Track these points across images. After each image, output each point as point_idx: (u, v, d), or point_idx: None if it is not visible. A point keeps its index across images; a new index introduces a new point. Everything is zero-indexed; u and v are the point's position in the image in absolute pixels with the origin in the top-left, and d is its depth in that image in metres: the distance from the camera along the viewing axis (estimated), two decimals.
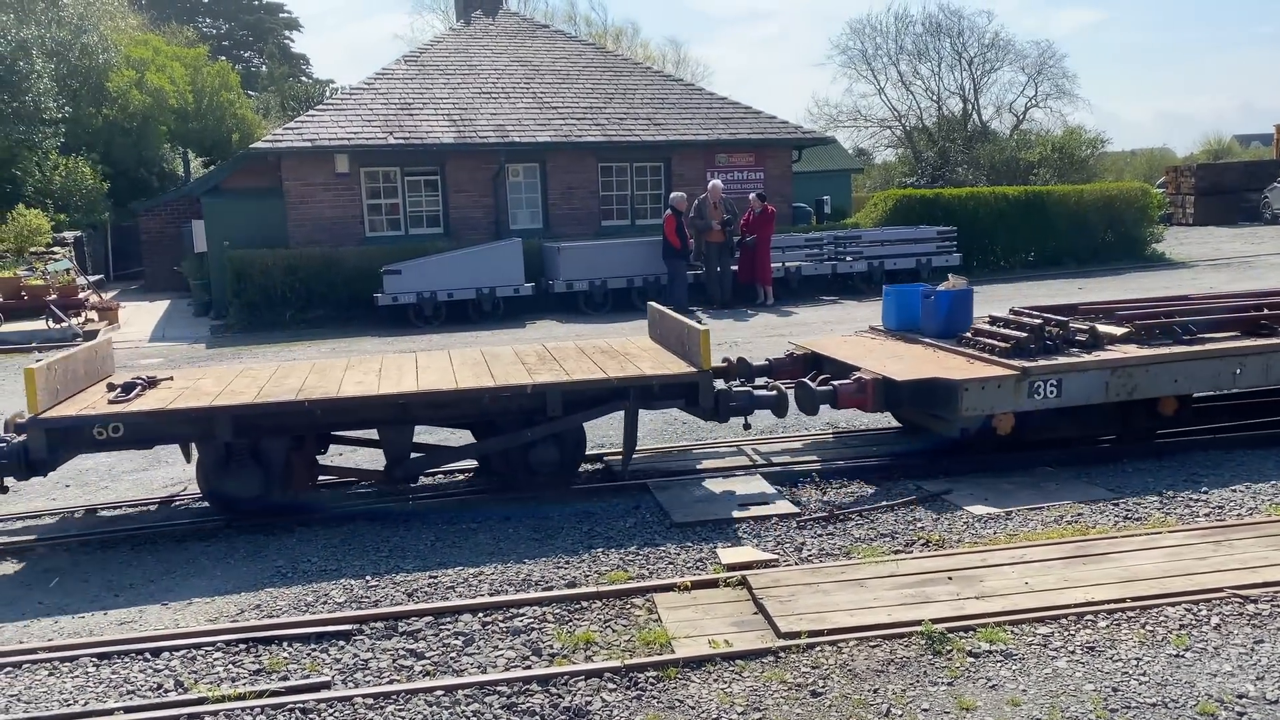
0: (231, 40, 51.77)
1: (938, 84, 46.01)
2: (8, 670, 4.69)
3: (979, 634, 4.60)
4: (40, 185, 23.54)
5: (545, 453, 6.89)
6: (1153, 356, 7.03)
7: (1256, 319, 7.65)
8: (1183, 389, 7.16)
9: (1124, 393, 6.96)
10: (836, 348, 8.07)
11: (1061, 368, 6.86)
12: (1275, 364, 7.28)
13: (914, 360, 7.37)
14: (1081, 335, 7.32)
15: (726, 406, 7.03)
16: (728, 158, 20.34)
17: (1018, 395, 6.76)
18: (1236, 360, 7.18)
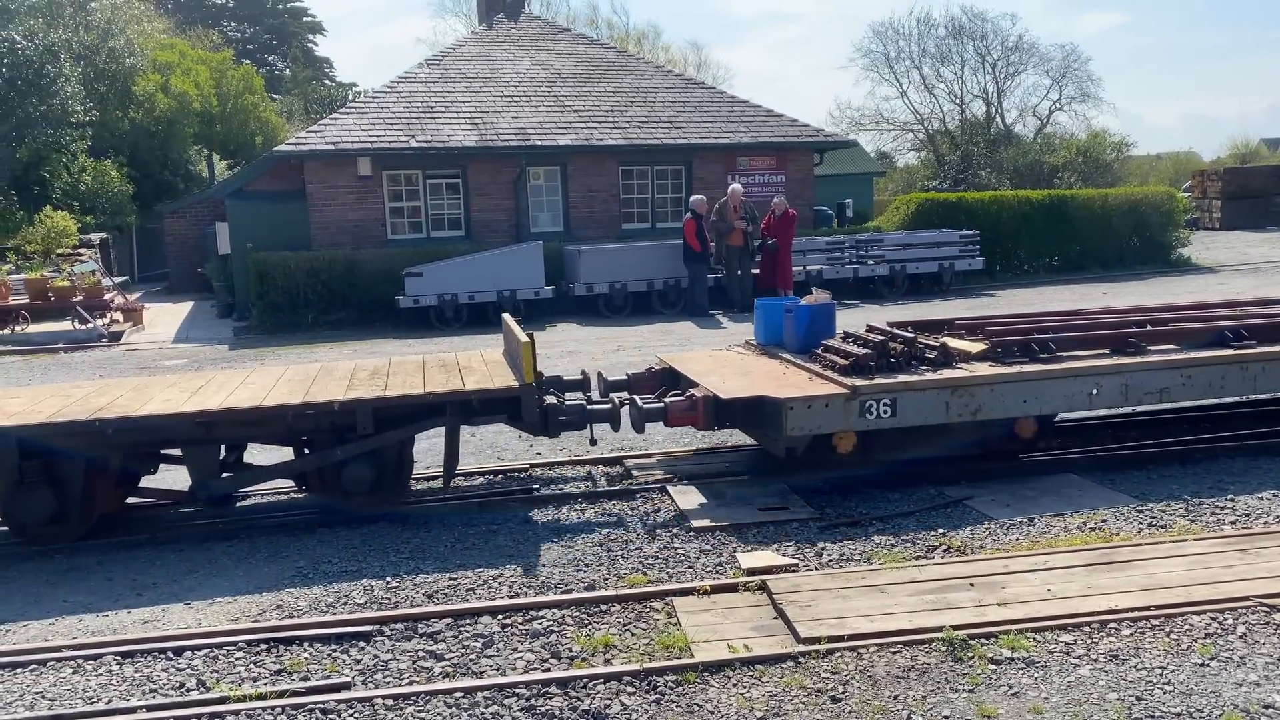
0: (256, 44, 52.21)
1: (961, 87, 45.76)
2: (33, 668, 4.74)
3: (1001, 641, 4.56)
4: (67, 187, 23.80)
5: (359, 471, 6.51)
6: (995, 376, 6.73)
7: (1124, 336, 7.29)
8: (1032, 410, 6.83)
9: (966, 413, 6.66)
10: (691, 362, 7.88)
11: (896, 387, 6.58)
12: (1135, 384, 6.93)
13: (759, 376, 7.15)
14: (931, 353, 7.02)
15: (556, 421, 6.82)
16: (749, 161, 20.30)
17: (848, 415, 6.52)
18: (1092, 380, 6.85)
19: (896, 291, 18.34)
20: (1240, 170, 34.76)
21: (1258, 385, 7.19)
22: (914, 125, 47.24)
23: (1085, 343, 7.33)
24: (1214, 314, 8.16)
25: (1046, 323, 7.97)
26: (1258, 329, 7.44)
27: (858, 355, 6.85)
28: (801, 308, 7.88)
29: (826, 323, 7.79)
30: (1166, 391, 7.01)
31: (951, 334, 7.81)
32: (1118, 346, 7.25)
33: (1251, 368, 7.08)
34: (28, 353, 15.46)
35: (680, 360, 8.08)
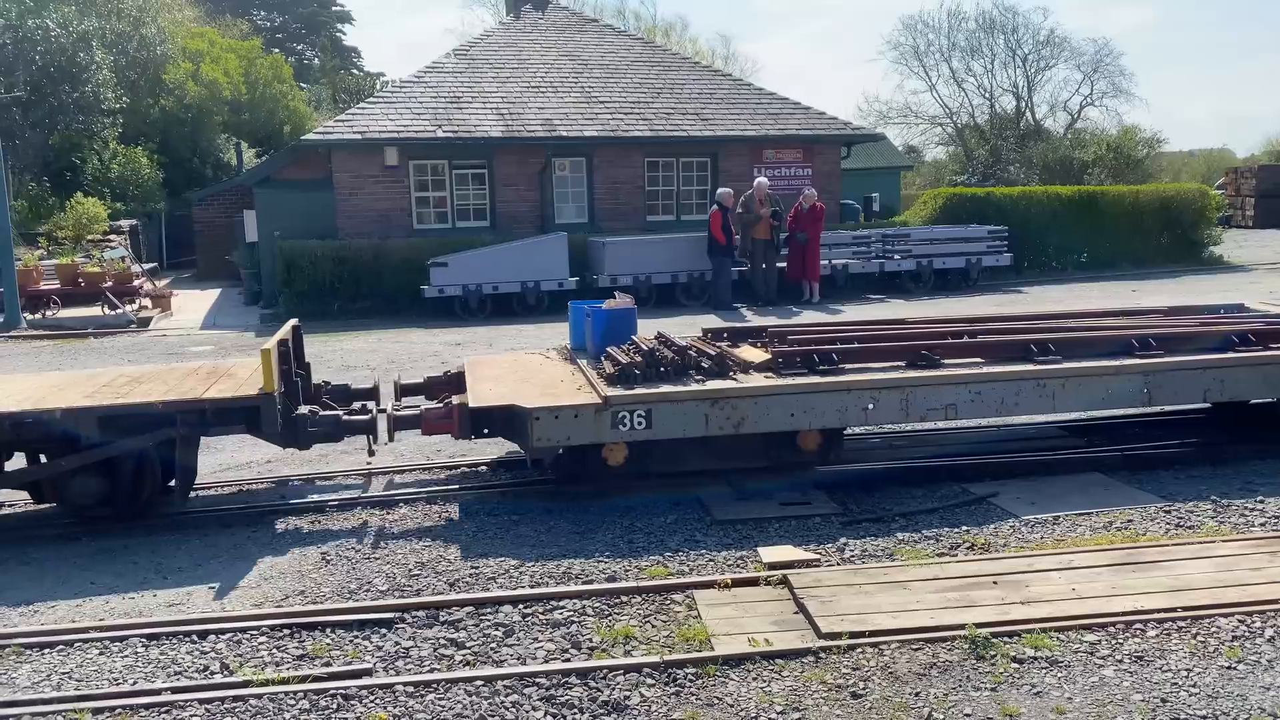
0: (285, 33, 52.45)
1: (990, 81, 45.44)
2: (60, 648, 4.80)
3: (1024, 640, 4.53)
4: (98, 174, 24.04)
5: (88, 483, 6.25)
6: (758, 388, 6.49)
7: (916, 349, 7.02)
8: (802, 424, 6.58)
9: (729, 426, 6.42)
10: (484, 367, 7.71)
11: (651, 398, 6.36)
12: (917, 399, 6.67)
13: (535, 383, 6.96)
14: (707, 362, 6.79)
15: (306, 432, 6.55)
16: (775, 154, 20.21)
17: (599, 426, 6.32)
18: (868, 394, 6.61)
19: (923, 287, 18.21)
20: (1275, 168, 34.20)
21: (1056, 404, 6.91)
22: (942, 119, 46.98)
23: (881, 354, 7.06)
24: (1028, 326, 7.88)
25: (854, 332, 7.67)
26: (1065, 343, 7.14)
27: (623, 364, 6.62)
28: (598, 312, 7.66)
29: (624, 328, 7.53)
30: (953, 408, 6.72)
31: (754, 342, 7.57)
32: (913, 359, 6.96)
33: (1049, 385, 6.79)
34: (59, 337, 15.64)
35: (476, 364, 7.85)
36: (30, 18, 21.81)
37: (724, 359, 6.88)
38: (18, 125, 22.03)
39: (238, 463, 8.06)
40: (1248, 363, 7.02)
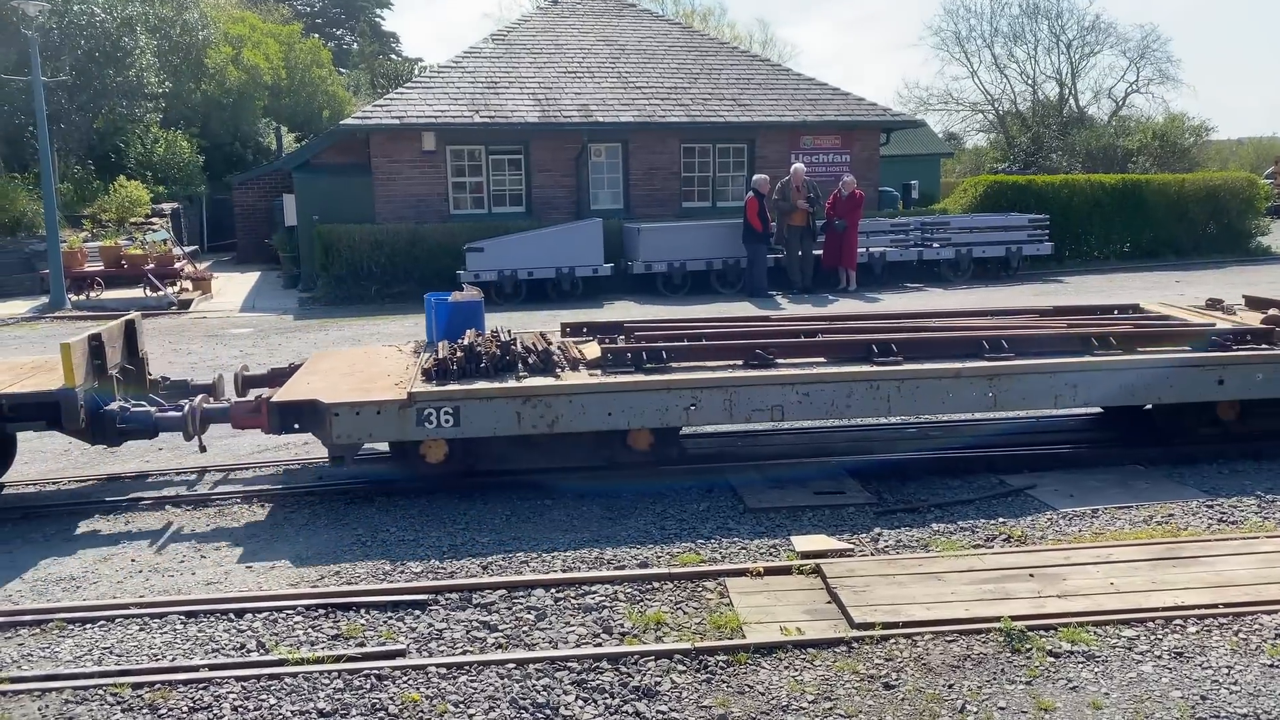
0: (324, 18, 52.79)
1: (1034, 67, 44.81)
2: (102, 624, 4.88)
3: (1060, 633, 4.48)
4: (141, 158, 24.35)
5: None
6: (573, 386, 6.32)
7: (751, 348, 6.76)
8: (620, 423, 6.40)
9: (543, 425, 6.28)
10: (324, 360, 7.56)
11: (457, 395, 6.20)
12: (742, 399, 6.45)
13: (365, 377, 6.80)
14: (533, 358, 6.63)
15: (114, 429, 6.34)
16: (813, 140, 20.05)
17: (403, 423, 6.18)
18: (690, 394, 6.40)
19: (961, 275, 18.01)
20: None
21: (891, 407, 6.66)
22: (984, 106, 46.37)
23: (717, 353, 6.85)
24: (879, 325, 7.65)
25: (700, 329, 7.50)
26: (911, 344, 6.91)
27: (440, 359, 6.50)
28: (441, 305, 7.56)
29: (469, 321, 7.43)
30: (779, 409, 6.51)
31: (604, 338, 7.43)
32: (749, 359, 6.73)
33: (883, 387, 6.55)
34: (101, 318, 15.86)
35: (322, 356, 7.74)
36: (76, 3, 22.09)
37: (549, 355, 6.69)
38: (63, 109, 22.34)
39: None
40: (1103, 367, 6.77)
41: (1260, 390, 6.90)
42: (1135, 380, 6.81)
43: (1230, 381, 6.84)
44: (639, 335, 7.28)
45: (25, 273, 18.65)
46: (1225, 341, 6.98)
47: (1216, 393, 6.89)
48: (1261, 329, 7.16)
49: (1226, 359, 6.84)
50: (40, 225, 18.83)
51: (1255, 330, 7.15)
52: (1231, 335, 7.07)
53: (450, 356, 6.52)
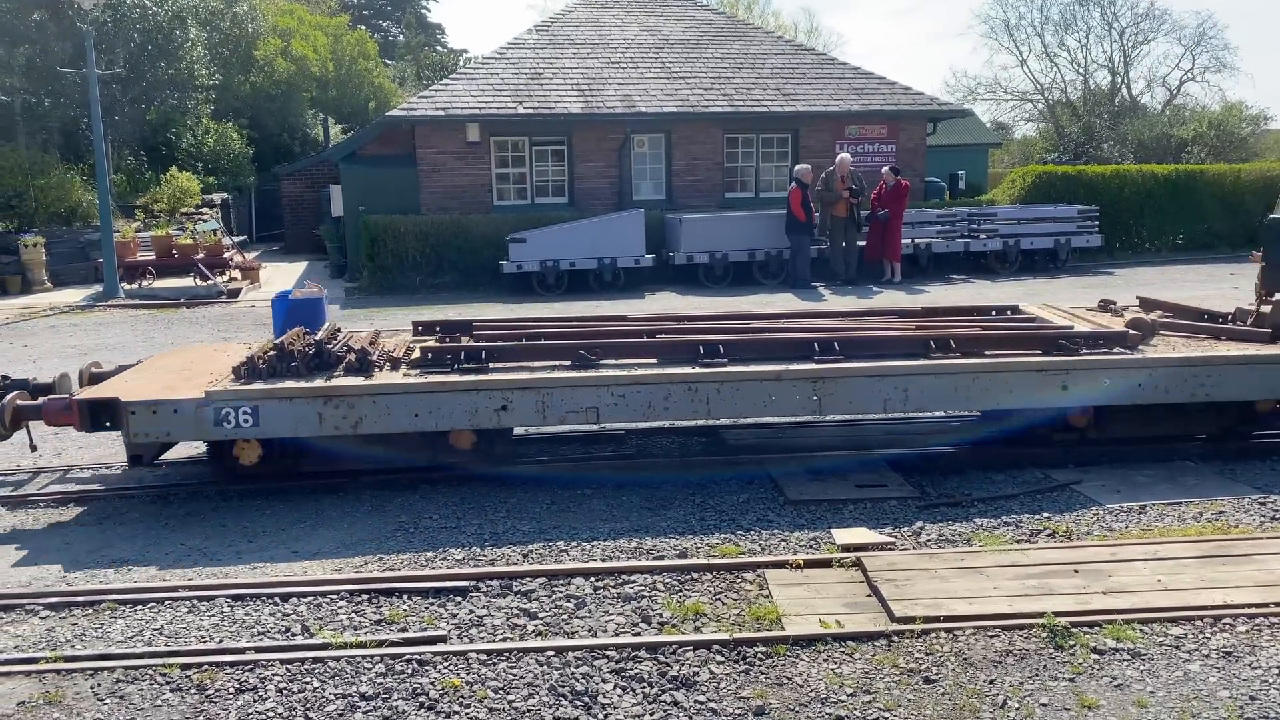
0: (371, 9, 53.24)
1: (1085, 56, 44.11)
2: (152, 605, 4.99)
3: (1105, 630, 4.41)
4: (192, 149, 24.76)
5: None
6: (376, 388, 6.23)
7: (575, 348, 6.68)
8: (427, 425, 6.30)
9: (347, 426, 6.17)
10: (170, 357, 7.49)
11: (257, 394, 6.09)
12: (555, 401, 6.32)
13: (190, 375, 6.69)
14: (351, 357, 6.51)
15: None
16: (859, 129, 19.86)
17: (200, 423, 6.09)
18: (500, 395, 6.30)
19: (1009, 268, 17.76)
20: None
21: (711, 410, 6.48)
22: (1033, 95, 45.66)
23: (540, 353, 6.77)
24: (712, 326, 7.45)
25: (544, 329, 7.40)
26: (739, 345, 6.77)
27: (249, 358, 6.40)
28: (279, 300, 7.49)
29: (308, 318, 7.30)
30: (594, 411, 6.39)
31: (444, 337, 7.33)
32: (573, 359, 6.64)
33: (702, 389, 6.40)
34: (153, 307, 16.21)
35: (168, 354, 7.68)
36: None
37: (365, 355, 6.57)
38: (117, 102, 22.78)
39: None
40: (934, 371, 6.56)
41: (1109, 396, 6.65)
42: (971, 385, 6.59)
43: (1075, 387, 6.59)
44: (478, 335, 7.28)
45: (80, 262, 19.08)
46: (1073, 345, 6.75)
47: (1060, 399, 6.63)
48: (1116, 332, 6.93)
49: (1069, 363, 6.60)
50: (95, 215, 19.25)
51: (1109, 334, 6.91)
52: (1082, 339, 6.84)
53: (260, 355, 6.44)
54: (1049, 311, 7.97)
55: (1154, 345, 6.95)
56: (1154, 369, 6.60)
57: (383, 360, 6.69)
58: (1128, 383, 6.60)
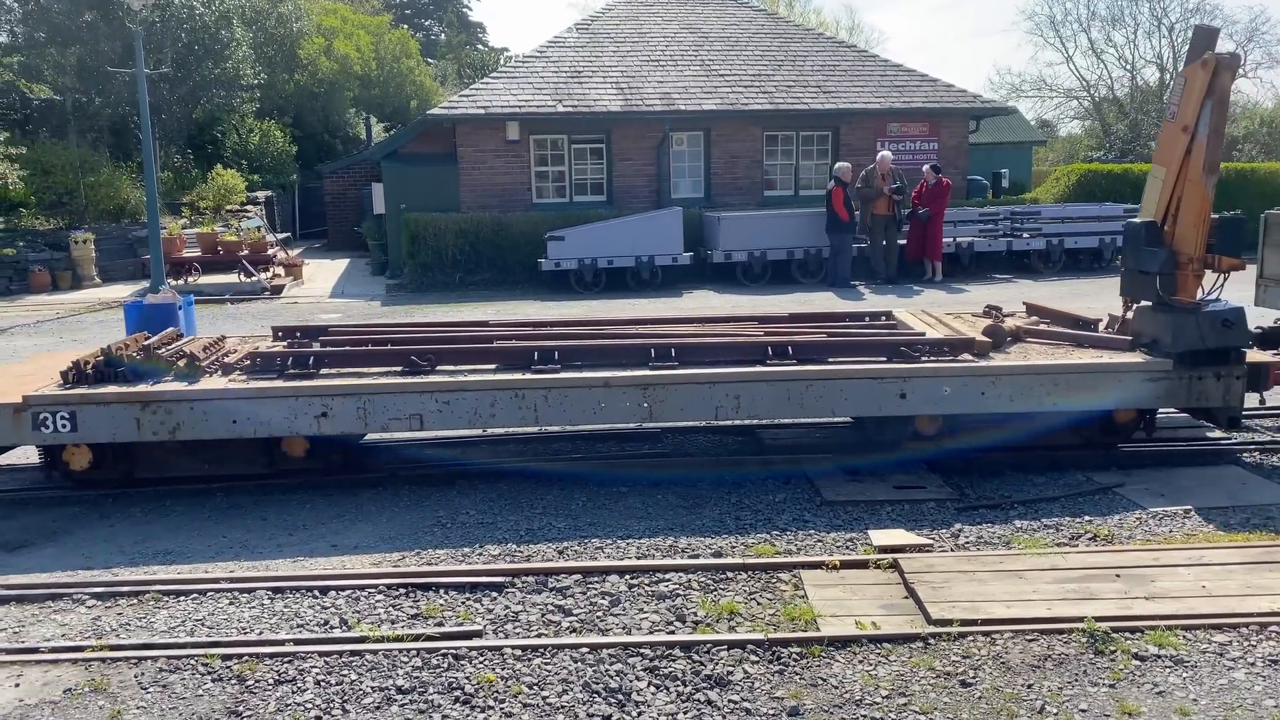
0: (413, 9, 53.62)
1: (1133, 52, 43.41)
2: (194, 596, 5.08)
3: (1147, 636, 4.35)
4: (237, 147, 25.10)
5: None
6: (192, 393, 6.21)
7: (407, 354, 6.63)
8: (245, 431, 6.27)
9: (165, 432, 6.18)
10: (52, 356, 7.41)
11: (74, 399, 6.09)
12: (376, 407, 6.26)
13: (28, 378, 6.62)
14: (183, 362, 6.50)
15: None
16: (900, 127, 19.67)
17: (19, 427, 6.12)
18: (319, 401, 6.24)
19: (1052, 267, 17.51)
20: None
21: (539, 417, 6.46)
22: (1079, 92, 44.90)
23: (375, 358, 6.75)
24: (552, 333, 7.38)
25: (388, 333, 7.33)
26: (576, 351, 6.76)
27: (75, 362, 6.38)
28: (132, 305, 7.52)
29: (161, 322, 7.25)
30: (418, 418, 6.36)
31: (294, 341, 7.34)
32: (406, 365, 6.61)
33: (529, 396, 6.38)
34: (199, 302, 16.40)
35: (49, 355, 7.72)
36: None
37: (194, 361, 6.56)
38: (165, 100, 23.15)
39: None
40: (767, 378, 6.47)
41: (950, 405, 6.52)
42: (805, 393, 6.49)
43: (914, 395, 6.46)
44: (323, 340, 7.28)
45: (128, 258, 19.43)
46: (914, 353, 6.64)
47: (899, 407, 6.51)
48: (962, 340, 6.80)
49: (907, 371, 6.48)
50: (142, 212, 19.58)
51: (955, 341, 6.78)
52: (927, 346, 6.72)
53: (87, 361, 6.45)
54: (921, 318, 7.83)
55: (1008, 353, 6.81)
56: (997, 377, 6.48)
57: (215, 366, 6.70)
58: (969, 391, 6.49)
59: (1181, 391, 6.50)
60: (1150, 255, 6.59)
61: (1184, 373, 6.45)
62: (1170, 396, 6.54)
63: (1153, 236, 6.62)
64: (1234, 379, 6.48)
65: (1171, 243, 6.59)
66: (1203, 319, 6.37)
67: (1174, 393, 6.51)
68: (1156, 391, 6.51)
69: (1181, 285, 6.55)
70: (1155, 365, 6.47)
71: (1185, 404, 6.63)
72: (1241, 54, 41.55)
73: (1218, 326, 6.36)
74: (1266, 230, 8.41)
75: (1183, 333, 6.39)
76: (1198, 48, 6.41)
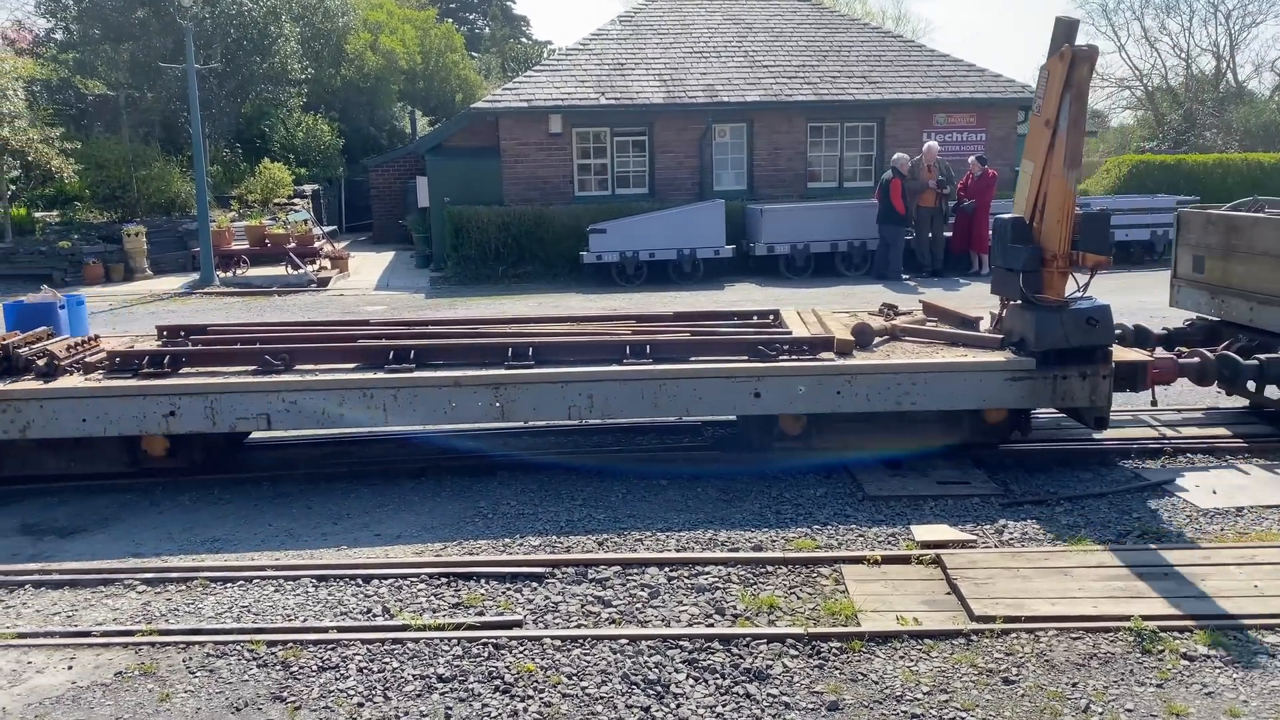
0: (457, 2, 53.90)
1: (1188, 40, 42.46)
2: (240, 583, 5.16)
3: (1196, 636, 4.26)
4: (284, 141, 25.43)
5: None
6: (35, 392, 6.18)
7: (262, 353, 6.64)
8: (95, 430, 6.28)
9: (15, 431, 6.23)
10: None
11: None
12: (224, 407, 6.27)
13: None
14: (42, 360, 6.47)
15: None
16: (947, 118, 19.43)
17: None
18: (167, 401, 6.25)
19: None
20: None
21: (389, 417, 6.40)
22: (1131, 82, 44.06)
23: (234, 357, 6.73)
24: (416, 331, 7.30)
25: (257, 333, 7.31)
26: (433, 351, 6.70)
27: None
28: (10, 305, 7.55)
29: (38, 321, 7.32)
30: (265, 418, 6.37)
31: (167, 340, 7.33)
32: (259, 364, 6.59)
33: (378, 395, 6.34)
34: (246, 294, 16.71)
35: None
36: None
37: (53, 360, 6.52)
38: (214, 95, 23.52)
39: None
40: (621, 377, 6.41)
41: (806, 404, 6.40)
42: (659, 392, 6.40)
43: (769, 395, 6.36)
44: (196, 340, 7.30)
45: (178, 250, 19.78)
46: (771, 352, 6.50)
47: (754, 406, 6.41)
48: (822, 339, 6.66)
49: (761, 370, 6.37)
50: (192, 205, 19.95)
51: (814, 340, 6.63)
52: (786, 345, 6.58)
53: None
54: (805, 318, 7.62)
55: (873, 353, 6.69)
56: (853, 376, 6.37)
57: (76, 366, 6.68)
58: (824, 391, 6.39)
59: (1046, 391, 6.39)
60: (1014, 252, 6.45)
61: (1048, 372, 6.34)
62: (1034, 396, 6.43)
63: (1019, 233, 6.48)
64: (1100, 378, 6.35)
65: (1039, 239, 6.43)
66: (1067, 317, 6.26)
67: (1038, 392, 6.40)
68: (1020, 391, 6.40)
69: (1048, 283, 6.40)
70: (1018, 364, 6.37)
71: (1050, 404, 6.52)
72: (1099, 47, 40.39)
73: (1082, 325, 6.24)
74: (1179, 229, 8.19)
75: (1046, 331, 6.28)
76: (1057, 40, 6.25)
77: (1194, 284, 7.95)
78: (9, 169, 18.68)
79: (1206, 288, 7.79)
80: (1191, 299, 8.00)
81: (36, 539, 5.96)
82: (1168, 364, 6.95)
